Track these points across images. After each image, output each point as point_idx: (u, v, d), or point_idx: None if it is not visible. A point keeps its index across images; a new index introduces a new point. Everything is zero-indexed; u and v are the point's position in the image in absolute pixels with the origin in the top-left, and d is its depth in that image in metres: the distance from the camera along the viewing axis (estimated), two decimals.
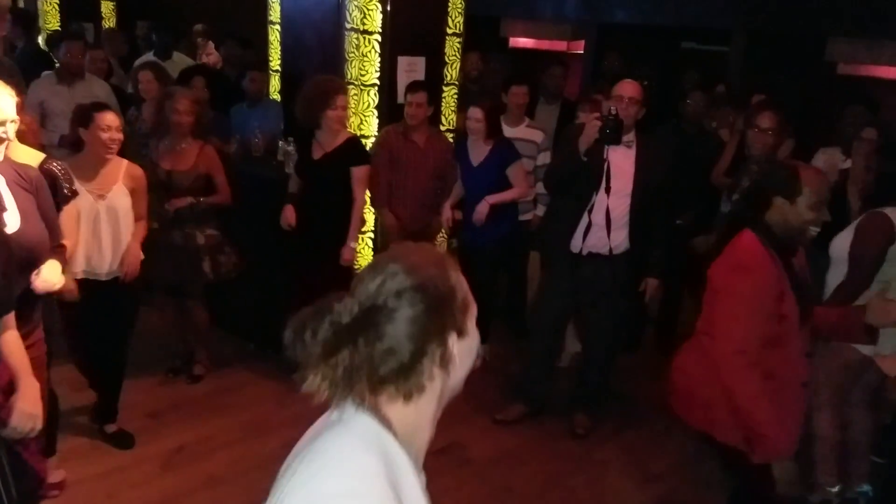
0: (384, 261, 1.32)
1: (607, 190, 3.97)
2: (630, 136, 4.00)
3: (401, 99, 4.88)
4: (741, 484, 2.91)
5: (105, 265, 3.76)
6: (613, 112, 3.79)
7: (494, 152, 4.68)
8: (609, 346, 4.36)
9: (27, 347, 2.69)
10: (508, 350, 5.16)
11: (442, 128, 5.33)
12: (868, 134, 4.25)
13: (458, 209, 4.89)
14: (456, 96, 5.41)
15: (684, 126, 5.31)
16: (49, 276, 2.81)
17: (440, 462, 3.97)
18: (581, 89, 7.90)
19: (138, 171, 3.87)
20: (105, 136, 3.63)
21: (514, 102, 5.06)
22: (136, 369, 4.43)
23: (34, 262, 2.77)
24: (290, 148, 4.81)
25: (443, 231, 5.14)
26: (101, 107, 3.74)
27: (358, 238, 4.49)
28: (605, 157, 3.93)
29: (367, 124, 5.00)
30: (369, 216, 5.14)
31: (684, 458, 4.18)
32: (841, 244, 3.50)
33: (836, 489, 3.70)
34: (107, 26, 8.71)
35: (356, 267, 5.21)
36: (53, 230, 2.93)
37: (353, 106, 5.02)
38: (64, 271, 2.97)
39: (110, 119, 3.66)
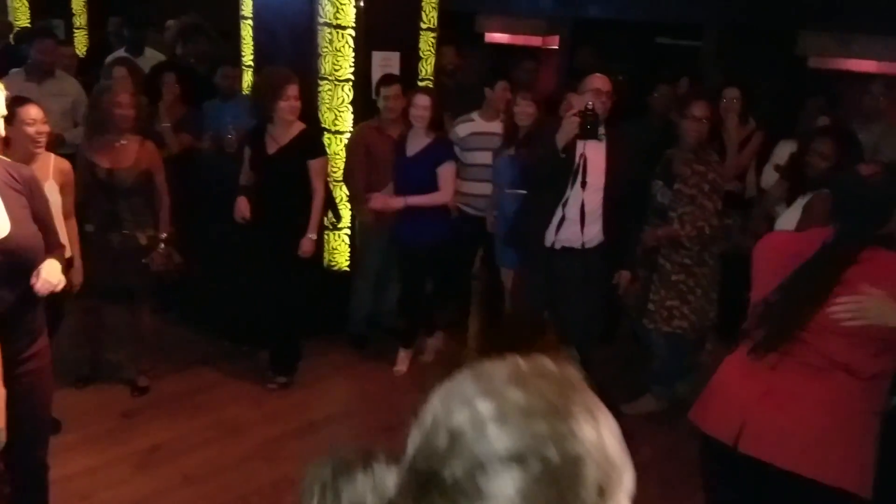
0: (464, 393, 0.83)
1: (583, 184, 3.99)
2: (601, 129, 4.02)
3: (374, 94, 4.87)
4: None
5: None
6: (591, 107, 3.80)
7: (432, 147, 4.54)
8: (583, 340, 4.38)
9: (31, 357, 2.61)
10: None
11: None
12: (823, 122, 4.32)
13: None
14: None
15: (652, 120, 5.35)
16: (49, 275, 2.62)
17: None
18: (556, 84, 7.92)
19: (66, 165, 3.77)
20: (31, 129, 3.52)
21: (500, 97, 5.05)
22: (109, 370, 4.39)
23: (27, 269, 2.57)
24: None
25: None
26: (23, 101, 3.60)
27: (317, 230, 4.43)
28: (581, 151, 3.94)
29: (341, 120, 4.98)
30: (346, 212, 5.13)
31: (657, 451, 4.20)
32: (787, 224, 3.53)
33: None
34: (78, 23, 8.61)
35: (334, 266, 5.22)
36: (49, 233, 2.76)
37: (327, 101, 5.01)
38: (65, 272, 2.80)
39: (34, 113, 3.54)
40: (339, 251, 5.24)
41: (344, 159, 4.94)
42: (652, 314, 4.28)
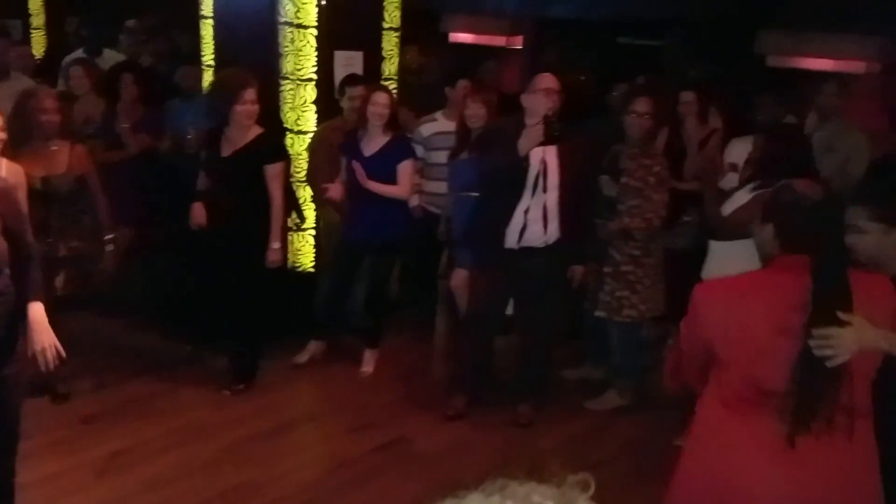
0: None
1: (544, 188, 4.02)
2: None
3: (336, 94, 4.85)
4: None
5: None
6: (551, 116, 3.88)
7: (391, 146, 4.51)
8: (547, 337, 4.41)
9: (4, 367, 2.56)
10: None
11: None
12: (789, 121, 4.40)
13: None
14: (395, 91, 5.39)
15: (612, 118, 5.40)
16: (42, 337, 2.59)
17: (385, 457, 3.96)
18: (521, 84, 7.93)
19: (18, 168, 3.56)
20: None
21: (461, 96, 5.05)
22: (70, 375, 4.30)
23: None
24: None
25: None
26: None
27: (280, 238, 4.35)
28: (541, 156, 3.97)
29: (304, 119, 4.95)
30: (310, 213, 5.10)
31: (624, 446, 4.25)
32: (736, 205, 3.63)
33: None
34: (35, 23, 8.45)
35: (298, 267, 5.18)
36: (19, 241, 2.64)
37: (289, 101, 4.97)
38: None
39: None
40: (304, 252, 5.21)
41: (307, 159, 4.91)
42: (605, 304, 4.37)
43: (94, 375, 4.54)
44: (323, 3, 4.82)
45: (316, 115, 4.98)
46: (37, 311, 2.72)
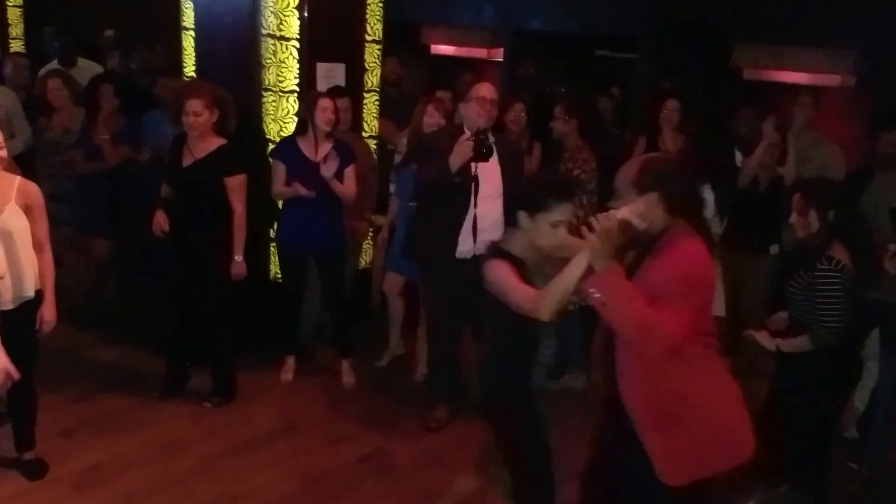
0: None
1: (475, 204, 4.04)
2: (491, 137, 4.09)
3: None
4: None
5: (6, 294, 3.40)
6: (483, 131, 3.91)
7: (338, 151, 4.49)
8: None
9: None
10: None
11: (364, 134, 5.32)
12: (768, 127, 4.46)
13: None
14: (377, 103, 5.41)
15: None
16: None
17: (364, 469, 3.96)
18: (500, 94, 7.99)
19: (33, 187, 3.48)
20: None
21: (444, 107, 5.07)
22: (46, 388, 4.26)
23: None
24: None
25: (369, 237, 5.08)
26: None
27: (242, 251, 4.29)
28: (473, 172, 3.97)
29: (286, 131, 4.94)
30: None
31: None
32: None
33: None
34: (13, 33, 8.40)
35: (280, 279, 5.16)
36: None
37: (271, 112, 4.97)
38: None
39: None
40: (274, 261, 5.18)
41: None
42: None
43: (71, 388, 4.50)
44: (305, 15, 4.83)
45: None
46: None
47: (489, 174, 4.07)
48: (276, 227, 4.83)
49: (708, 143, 4.54)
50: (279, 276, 5.15)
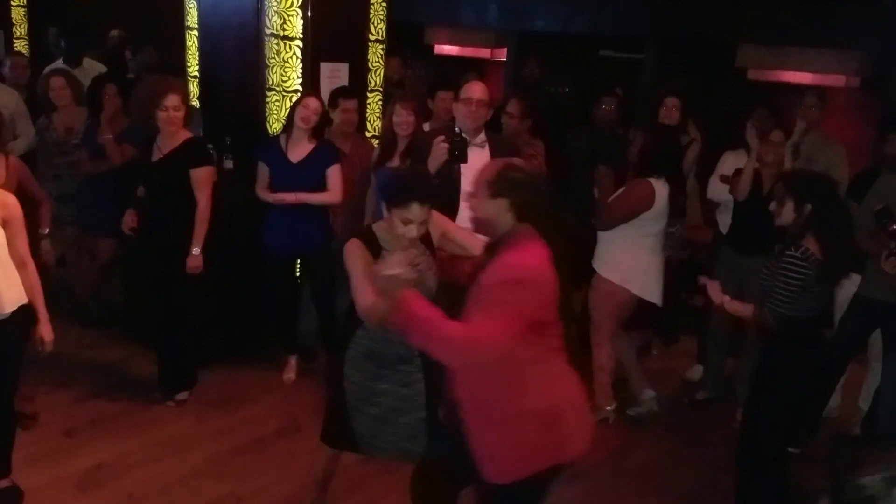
0: None
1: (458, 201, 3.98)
2: (482, 137, 4.09)
3: (328, 105, 4.85)
4: None
5: None
6: (458, 133, 3.87)
7: (318, 151, 4.48)
8: None
9: None
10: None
11: (368, 134, 5.33)
12: (776, 136, 4.43)
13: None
14: (380, 103, 5.41)
15: (596, 130, 5.45)
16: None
17: (369, 469, 3.94)
18: (503, 96, 7.99)
19: (11, 199, 3.25)
20: None
21: (442, 108, 5.08)
22: (51, 388, 4.28)
23: None
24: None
25: None
26: None
27: (201, 244, 4.22)
28: (455, 175, 3.94)
29: None
30: None
31: (609, 454, 4.26)
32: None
33: (611, 407, 4.52)
34: (18, 33, 8.41)
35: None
36: None
37: (275, 112, 4.98)
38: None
39: None
40: None
41: None
42: None
43: (75, 387, 4.51)
44: (308, 15, 4.84)
45: None
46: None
47: (465, 180, 4.01)
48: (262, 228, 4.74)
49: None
50: None
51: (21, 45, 8.43)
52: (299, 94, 4.60)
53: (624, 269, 4.31)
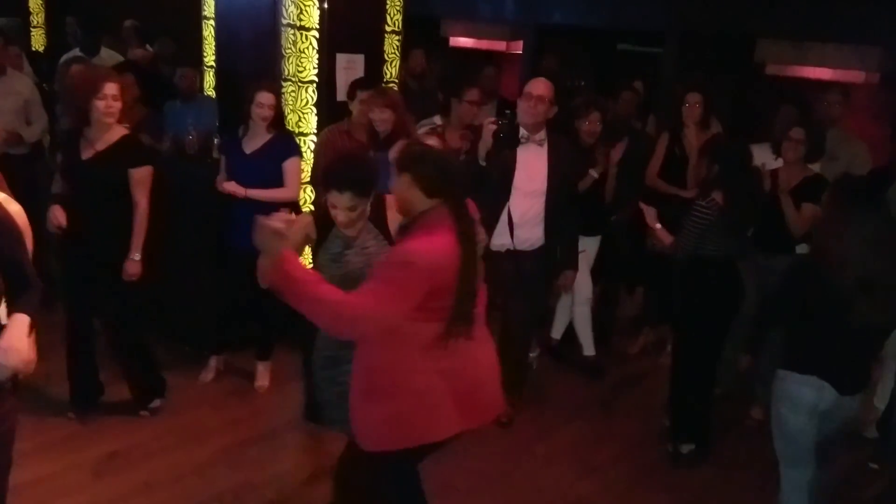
0: None
1: (509, 191, 4.03)
2: (542, 135, 4.07)
3: (340, 96, 4.84)
4: None
5: None
6: (508, 116, 3.87)
7: (273, 143, 4.33)
8: (525, 338, 4.45)
9: None
10: None
11: None
12: (796, 134, 4.37)
13: None
14: None
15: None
16: (9, 353, 2.17)
17: None
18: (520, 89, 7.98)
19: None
20: None
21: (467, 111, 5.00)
22: (65, 377, 4.28)
23: None
24: None
25: None
26: None
27: (140, 249, 3.93)
28: (509, 164, 3.95)
29: (305, 121, 4.94)
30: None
31: (624, 448, 4.25)
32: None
33: None
34: (35, 21, 8.44)
35: None
36: (13, 277, 2.27)
37: (290, 103, 4.97)
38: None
39: None
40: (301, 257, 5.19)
41: (312, 162, 4.90)
42: None
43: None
44: (325, 5, 4.82)
45: (317, 118, 4.96)
46: (19, 319, 2.28)
47: (533, 171, 4.04)
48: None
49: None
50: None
51: (38, 34, 8.47)
52: (255, 88, 4.34)
53: None
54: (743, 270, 4.33)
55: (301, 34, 4.84)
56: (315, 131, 4.93)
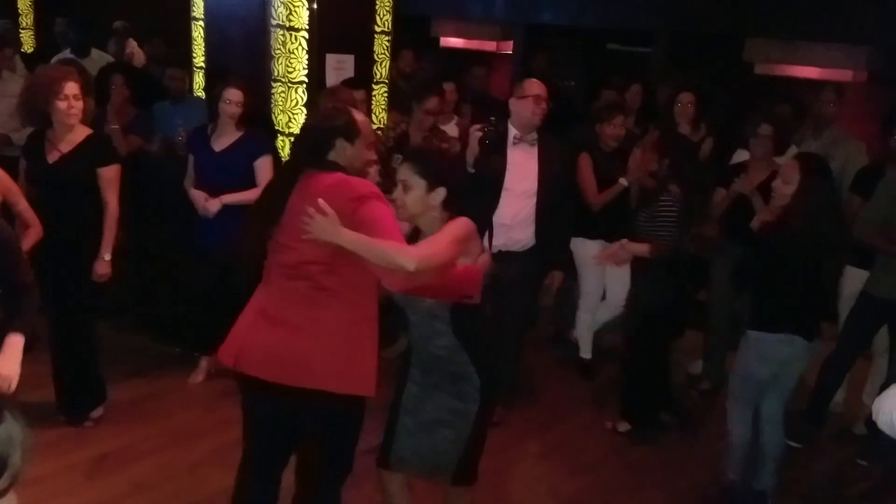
0: None
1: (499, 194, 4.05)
2: (534, 135, 4.08)
3: None
4: None
5: None
6: (493, 122, 3.87)
7: (243, 141, 4.27)
8: (518, 338, 4.45)
9: None
10: None
11: (373, 126, 5.32)
12: (763, 130, 4.40)
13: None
14: (386, 95, 5.41)
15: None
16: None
17: (373, 460, 3.95)
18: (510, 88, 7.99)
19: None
20: None
21: (449, 99, 5.07)
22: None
23: None
24: None
25: None
26: None
27: (111, 249, 3.90)
28: (499, 169, 3.98)
29: (295, 122, 4.95)
30: None
31: (614, 447, 4.27)
32: None
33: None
34: (24, 23, 8.41)
35: None
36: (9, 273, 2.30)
37: (280, 104, 4.97)
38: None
39: None
40: None
41: None
42: None
43: None
44: (314, 6, 4.83)
45: (306, 118, 4.97)
46: (13, 342, 2.40)
47: (524, 172, 4.06)
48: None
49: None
50: None
51: (27, 36, 8.44)
52: (222, 85, 4.30)
53: None
54: (718, 264, 4.41)
55: (290, 35, 4.85)
56: None
